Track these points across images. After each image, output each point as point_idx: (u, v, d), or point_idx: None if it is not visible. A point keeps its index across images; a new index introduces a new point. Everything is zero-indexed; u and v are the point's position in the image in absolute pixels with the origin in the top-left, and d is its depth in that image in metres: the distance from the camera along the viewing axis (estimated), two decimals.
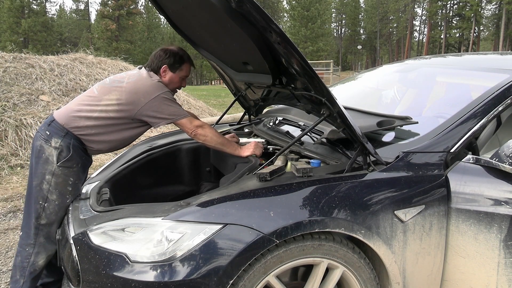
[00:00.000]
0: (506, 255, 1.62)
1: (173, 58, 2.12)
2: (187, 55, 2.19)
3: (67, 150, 1.98)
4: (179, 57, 2.14)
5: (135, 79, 2.05)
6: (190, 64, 2.21)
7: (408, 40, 55.40)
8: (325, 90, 1.59)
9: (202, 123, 2.10)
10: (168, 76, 2.13)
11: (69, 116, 2.01)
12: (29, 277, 2.04)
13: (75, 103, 2.06)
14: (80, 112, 2.01)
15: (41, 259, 2.04)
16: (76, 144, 2.02)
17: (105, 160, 5.08)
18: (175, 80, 2.16)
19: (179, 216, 1.48)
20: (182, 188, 2.76)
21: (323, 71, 24.46)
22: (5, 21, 41.78)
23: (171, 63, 2.12)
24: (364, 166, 1.71)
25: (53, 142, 1.97)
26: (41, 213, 1.99)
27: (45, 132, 2.01)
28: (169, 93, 2.07)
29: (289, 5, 46.82)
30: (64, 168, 1.98)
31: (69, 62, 7.39)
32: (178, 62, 2.14)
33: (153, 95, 2.00)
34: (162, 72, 2.12)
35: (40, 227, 2.00)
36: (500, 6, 43.32)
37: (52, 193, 1.98)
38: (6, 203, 3.96)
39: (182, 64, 2.16)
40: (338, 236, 1.58)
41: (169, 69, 2.13)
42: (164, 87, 2.07)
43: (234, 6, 1.48)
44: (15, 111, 5.70)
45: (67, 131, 2.00)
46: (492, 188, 1.65)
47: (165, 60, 2.11)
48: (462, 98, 2.03)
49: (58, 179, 1.98)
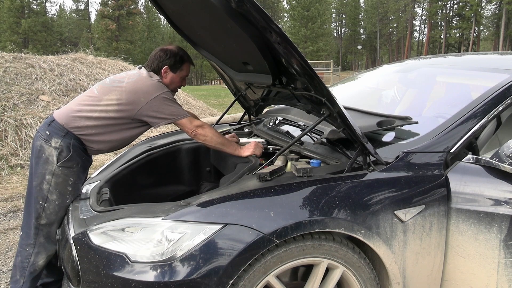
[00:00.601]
0: (506, 255, 1.62)
1: (173, 59, 2.13)
2: (187, 54, 2.20)
3: (67, 150, 1.98)
4: (180, 58, 2.15)
5: (135, 79, 2.05)
6: (190, 63, 2.22)
7: (408, 40, 55.40)
8: (325, 90, 1.59)
9: (202, 123, 2.11)
10: (169, 76, 2.14)
11: (69, 116, 2.01)
12: (29, 277, 2.04)
13: (75, 103, 2.06)
14: (80, 112, 2.01)
15: (41, 259, 2.04)
16: (76, 144, 2.01)
17: (105, 160, 5.08)
18: (176, 80, 2.17)
19: (179, 216, 1.48)
20: (182, 188, 2.76)
21: (323, 71, 24.45)
22: (5, 21, 41.78)
23: (172, 64, 2.13)
24: (364, 166, 1.71)
25: (53, 142, 1.98)
26: (41, 213, 1.99)
27: (45, 132, 2.01)
28: (169, 93, 2.08)
29: (289, 5, 46.84)
30: (64, 168, 1.98)
31: (69, 62, 7.38)
32: (179, 63, 2.15)
33: (153, 95, 2.00)
34: (163, 73, 2.12)
35: (40, 227, 2.00)
36: (500, 6, 43.32)
37: (52, 193, 1.98)
38: (6, 203, 3.96)
39: (183, 64, 2.17)
40: (338, 236, 1.58)
41: (170, 70, 2.13)
42: (164, 87, 2.07)
43: (234, 6, 1.48)
44: (15, 111, 5.70)
45: (67, 131, 2.00)
46: (492, 188, 1.65)
47: (166, 61, 2.12)
48: (462, 98, 2.03)
49: (58, 179, 1.98)
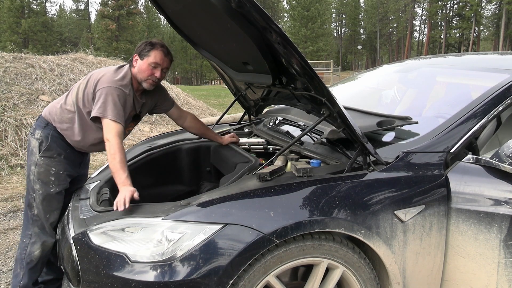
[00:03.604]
0: (506, 255, 1.62)
1: (144, 46, 2.07)
2: (162, 44, 2.09)
3: (46, 139, 2.07)
4: (149, 43, 2.06)
5: (101, 69, 2.09)
6: (164, 53, 2.07)
7: (408, 40, 55.39)
8: (325, 90, 1.59)
9: (117, 139, 1.90)
10: (138, 64, 2.06)
11: (50, 109, 2.13)
12: (26, 267, 2.09)
13: (60, 97, 2.18)
14: (58, 104, 2.12)
15: (36, 249, 2.09)
16: (56, 135, 2.09)
17: (105, 160, 5.08)
18: (143, 67, 2.04)
19: (179, 216, 1.48)
20: (182, 188, 2.76)
21: (323, 71, 24.46)
22: (5, 21, 41.78)
23: (141, 50, 2.06)
24: (364, 166, 1.71)
25: (36, 134, 2.10)
26: (32, 203, 2.08)
27: (33, 127, 2.15)
28: (120, 90, 1.98)
29: (289, 5, 46.84)
30: (45, 158, 2.07)
31: (69, 62, 7.39)
32: (147, 49, 2.05)
33: (103, 84, 1.97)
34: (134, 62, 2.08)
35: (34, 218, 2.09)
36: (500, 6, 43.32)
37: (36, 182, 2.06)
38: (6, 203, 3.96)
39: (151, 51, 2.04)
40: (338, 236, 1.58)
41: (138, 56, 2.07)
42: (120, 83, 1.99)
43: (234, 6, 1.48)
44: (15, 111, 5.70)
45: (47, 122, 2.10)
46: (492, 188, 1.65)
47: (138, 49, 2.08)
48: (462, 98, 2.03)
49: (40, 168, 2.06)
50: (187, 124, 2.45)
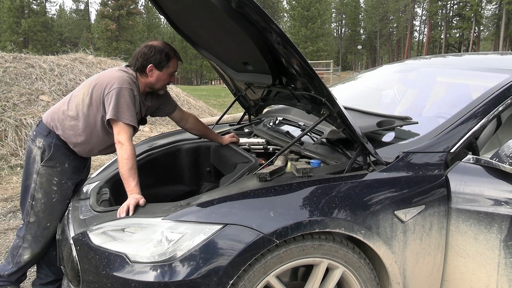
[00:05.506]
0: (506, 255, 1.62)
1: (159, 56, 2.00)
2: (173, 49, 2.07)
3: (49, 149, 2.02)
4: (166, 54, 2.01)
5: (104, 71, 2.05)
6: (178, 58, 2.08)
7: (408, 40, 55.39)
8: (325, 90, 1.59)
9: (129, 143, 1.89)
10: (155, 75, 2.02)
11: (52, 115, 2.05)
12: (16, 266, 2.12)
13: (59, 103, 2.09)
14: (60, 111, 2.04)
15: (26, 254, 2.10)
16: (59, 143, 2.03)
17: (105, 160, 5.09)
18: (162, 78, 2.06)
19: (179, 216, 1.48)
20: (182, 188, 2.76)
21: (323, 71, 24.47)
22: (5, 21, 41.82)
23: (158, 61, 2.00)
24: (364, 166, 1.71)
25: (37, 142, 2.04)
26: (30, 211, 2.05)
27: (33, 132, 2.09)
28: (130, 90, 1.94)
29: (289, 5, 46.88)
30: (47, 168, 2.03)
31: (69, 62, 7.39)
32: (165, 60, 2.01)
33: (113, 86, 1.91)
34: (149, 72, 2.01)
35: (29, 225, 2.07)
36: (500, 6, 43.32)
37: (38, 191, 2.03)
38: (6, 203, 3.96)
39: (169, 61, 2.03)
40: (338, 236, 1.58)
41: (155, 68, 2.01)
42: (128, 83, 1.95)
43: (234, 6, 1.48)
44: (15, 111, 5.70)
45: (49, 130, 2.04)
46: (492, 188, 1.65)
47: (151, 59, 1.99)
48: (462, 98, 2.03)
49: (42, 178, 2.03)
50: (189, 125, 2.45)
